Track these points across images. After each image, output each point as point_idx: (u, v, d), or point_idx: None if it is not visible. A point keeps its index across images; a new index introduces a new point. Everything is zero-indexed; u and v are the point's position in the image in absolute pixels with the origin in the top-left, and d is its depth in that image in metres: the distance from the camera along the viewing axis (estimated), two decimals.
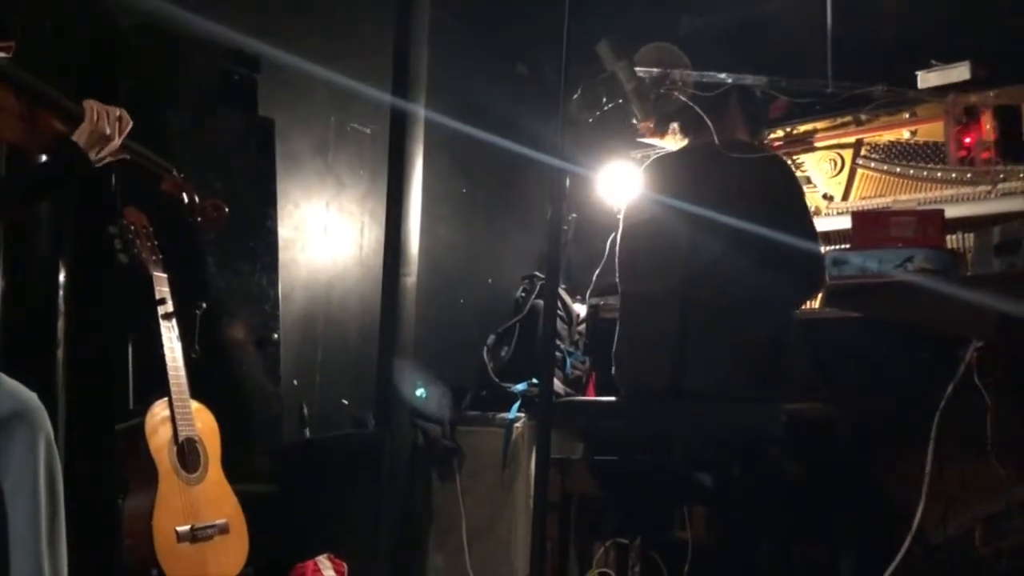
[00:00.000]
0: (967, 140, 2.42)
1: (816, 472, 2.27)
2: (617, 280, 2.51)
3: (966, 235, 2.49)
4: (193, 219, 2.56)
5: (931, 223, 1.84)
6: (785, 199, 2.32)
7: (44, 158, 2.29)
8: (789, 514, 2.21)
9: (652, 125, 2.56)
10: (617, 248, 2.51)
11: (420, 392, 3.49)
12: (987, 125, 2.29)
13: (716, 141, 2.42)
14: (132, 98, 2.80)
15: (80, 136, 2.14)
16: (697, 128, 2.46)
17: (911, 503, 2.44)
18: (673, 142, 2.54)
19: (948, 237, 2.45)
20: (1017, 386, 2.32)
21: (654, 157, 2.55)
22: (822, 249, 2.33)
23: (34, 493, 1.98)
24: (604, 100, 2.39)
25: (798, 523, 2.32)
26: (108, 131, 2.17)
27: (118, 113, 2.21)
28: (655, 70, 2.46)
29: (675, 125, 2.52)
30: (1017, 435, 2.35)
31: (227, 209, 2.60)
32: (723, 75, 2.46)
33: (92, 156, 2.17)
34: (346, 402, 3.68)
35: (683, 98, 2.43)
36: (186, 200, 2.53)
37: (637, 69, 2.43)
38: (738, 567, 2.54)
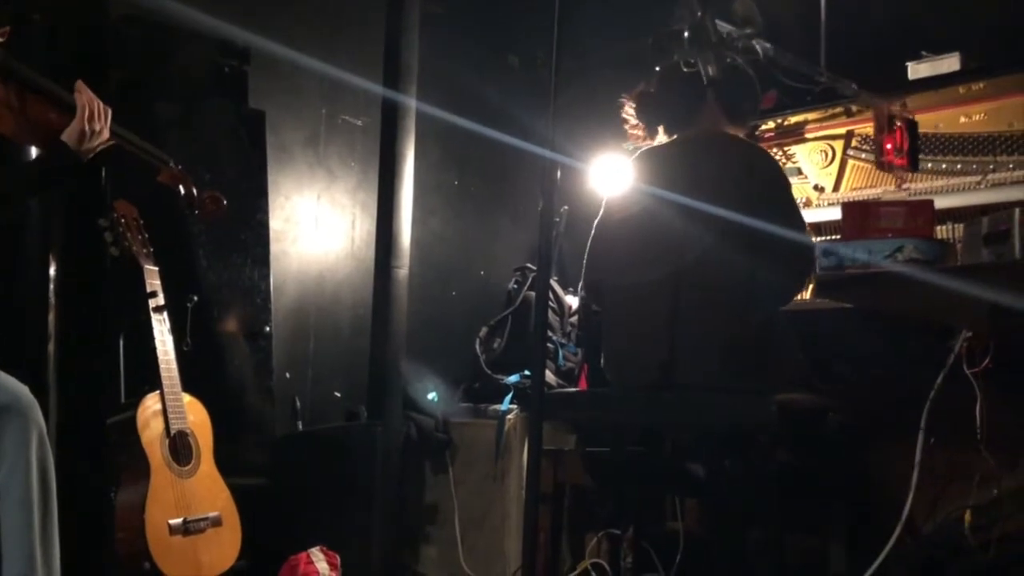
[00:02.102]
0: (888, 147, 2.51)
1: (806, 462, 2.28)
2: (598, 272, 2.50)
3: (956, 225, 2.50)
4: (191, 211, 2.55)
5: (920, 213, 1.84)
6: (774, 191, 2.33)
7: (35, 151, 2.28)
8: (780, 504, 2.22)
9: (642, 133, 2.57)
10: (600, 240, 2.50)
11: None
12: (902, 134, 2.40)
13: (702, 134, 2.43)
14: (122, 89, 2.80)
15: (69, 136, 2.12)
16: (683, 126, 2.47)
17: (901, 492, 2.45)
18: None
19: (938, 228, 2.46)
20: (1006, 376, 2.33)
21: (644, 149, 2.55)
22: (812, 240, 2.34)
23: (26, 486, 1.97)
24: (693, 50, 2.35)
25: (789, 513, 2.33)
26: (98, 127, 2.15)
27: (103, 105, 2.18)
28: (732, 28, 2.43)
29: (662, 127, 2.53)
30: (1006, 424, 2.37)
31: (224, 201, 2.60)
32: (768, 45, 2.47)
33: (83, 154, 2.14)
34: (338, 395, 3.68)
35: (739, 66, 2.42)
36: (183, 192, 2.52)
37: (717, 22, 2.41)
38: (729, 557, 2.55)
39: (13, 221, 2.69)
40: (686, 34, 2.35)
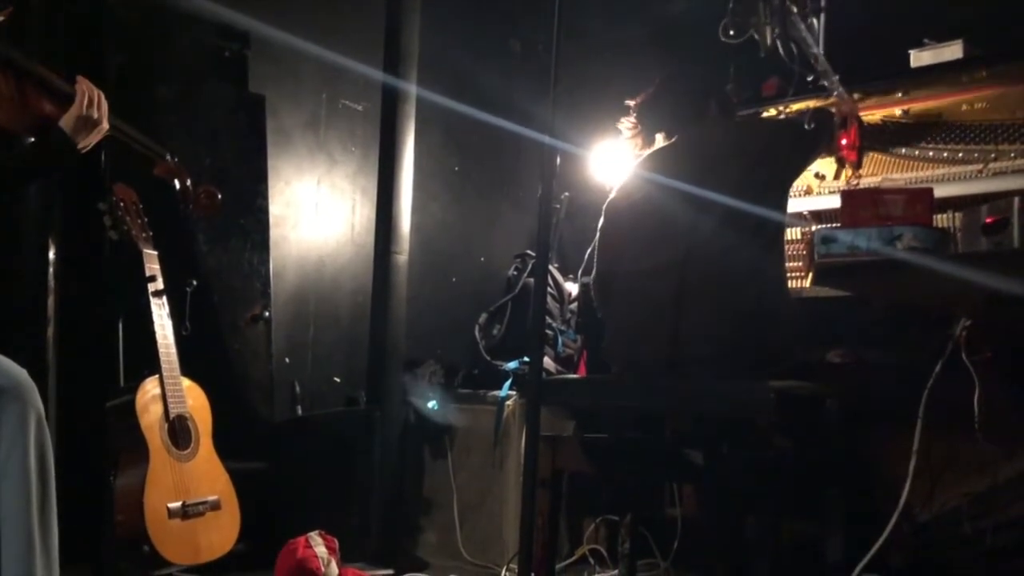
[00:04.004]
0: (844, 141, 2.55)
1: (804, 449, 2.28)
2: (604, 260, 2.50)
3: (957, 214, 2.49)
4: (185, 205, 2.54)
5: (920, 201, 1.84)
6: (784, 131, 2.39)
7: (32, 140, 2.26)
8: (778, 491, 2.22)
9: (640, 140, 2.58)
10: (605, 229, 2.51)
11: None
12: (855, 132, 2.47)
13: (702, 131, 2.44)
14: (121, 74, 2.79)
15: (67, 122, 2.10)
16: (689, 128, 2.48)
17: (899, 480, 2.45)
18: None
19: (938, 216, 2.46)
20: (1005, 364, 2.33)
21: (648, 152, 2.55)
22: (783, 217, 2.36)
23: (25, 470, 1.97)
24: (772, 17, 2.35)
25: (787, 500, 2.33)
26: (96, 115, 2.13)
27: (102, 95, 2.16)
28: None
29: (661, 135, 2.54)
30: (1004, 413, 2.37)
31: (220, 196, 2.58)
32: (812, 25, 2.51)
33: (79, 142, 2.12)
34: (338, 380, 3.69)
35: (778, 44, 2.43)
36: (178, 186, 2.50)
37: None
38: (726, 543, 2.56)
39: (11, 204, 2.68)
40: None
